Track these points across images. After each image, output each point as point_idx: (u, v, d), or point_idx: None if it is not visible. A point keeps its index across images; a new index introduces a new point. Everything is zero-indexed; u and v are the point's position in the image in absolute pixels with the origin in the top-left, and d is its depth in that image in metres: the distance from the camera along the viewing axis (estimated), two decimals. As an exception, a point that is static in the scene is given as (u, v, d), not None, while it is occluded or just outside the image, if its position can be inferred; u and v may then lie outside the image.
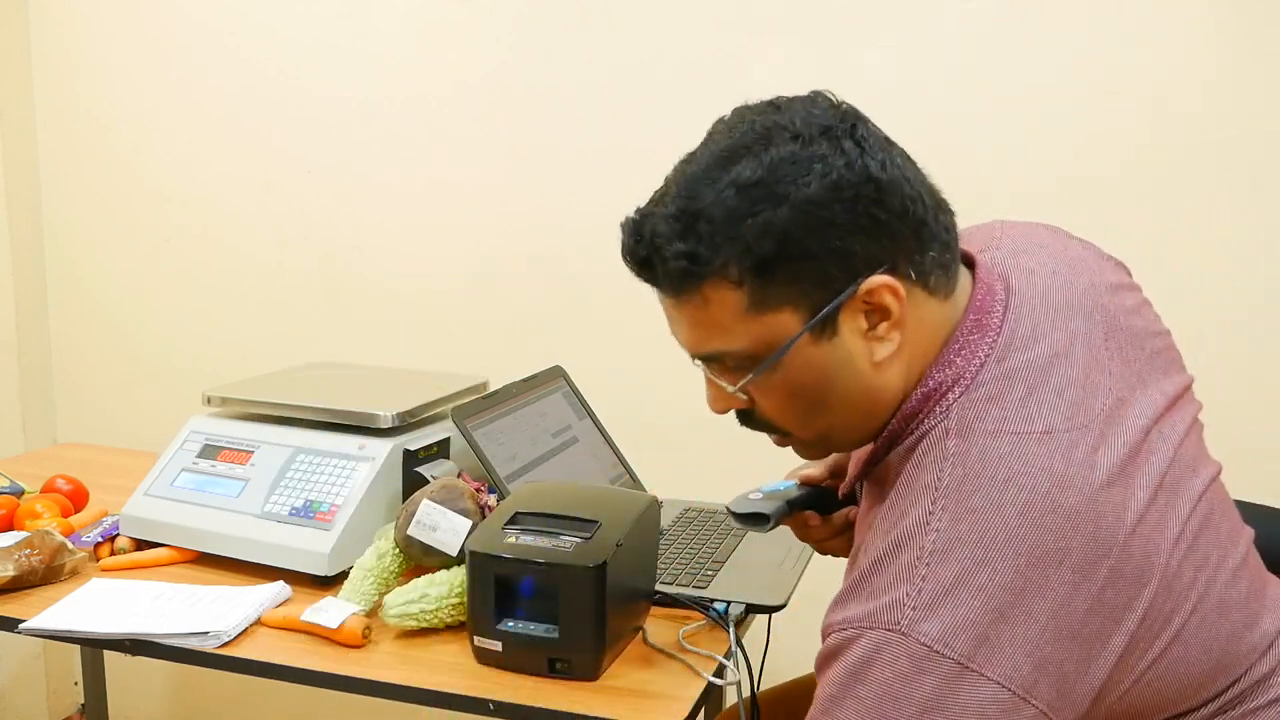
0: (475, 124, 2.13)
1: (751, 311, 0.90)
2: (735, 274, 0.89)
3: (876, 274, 0.89)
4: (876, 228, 0.88)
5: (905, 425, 0.93)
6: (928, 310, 0.92)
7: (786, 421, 0.98)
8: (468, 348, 2.17)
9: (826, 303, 0.89)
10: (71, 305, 2.47)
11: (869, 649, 0.85)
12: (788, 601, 1.41)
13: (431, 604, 1.31)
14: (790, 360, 0.92)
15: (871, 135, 0.91)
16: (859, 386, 0.93)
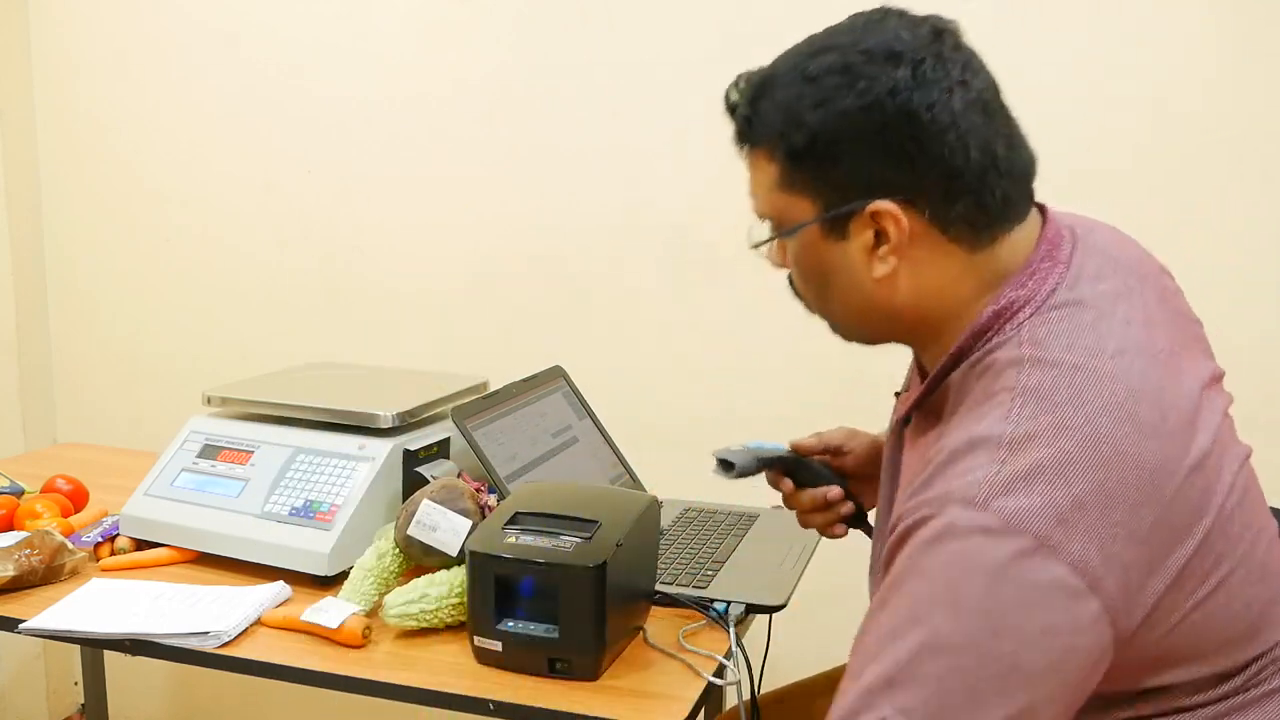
0: (475, 124, 2.13)
1: (779, 188, 0.98)
2: (771, 152, 0.97)
3: (889, 200, 0.93)
4: (901, 160, 0.92)
5: (974, 342, 0.96)
6: (942, 254, 0.96)
7: (805, 295, 1.06)
8: (468, 348, 2.17)
9: (837, 208, 0.96)
10: (71, 305, 2.47)
11: (943, 524, 0.86)
12: (788, 601, 1.41)
13: (431, 604, 1.31)
14: (800, 244, 1.00)
15: (941, 75, 0.92)
16: (858, 294, 0.99)
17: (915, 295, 0.98)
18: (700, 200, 2.02)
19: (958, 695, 0.83)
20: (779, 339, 2.00)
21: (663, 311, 2.07)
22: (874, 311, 1.00)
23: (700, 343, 2.05)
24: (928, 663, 0.84)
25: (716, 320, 2.04)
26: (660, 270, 2.06)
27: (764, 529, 1.64)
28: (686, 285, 2.05)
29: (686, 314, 2.05)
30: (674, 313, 2.06)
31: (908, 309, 0.99)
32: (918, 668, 0.84)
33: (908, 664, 0.84)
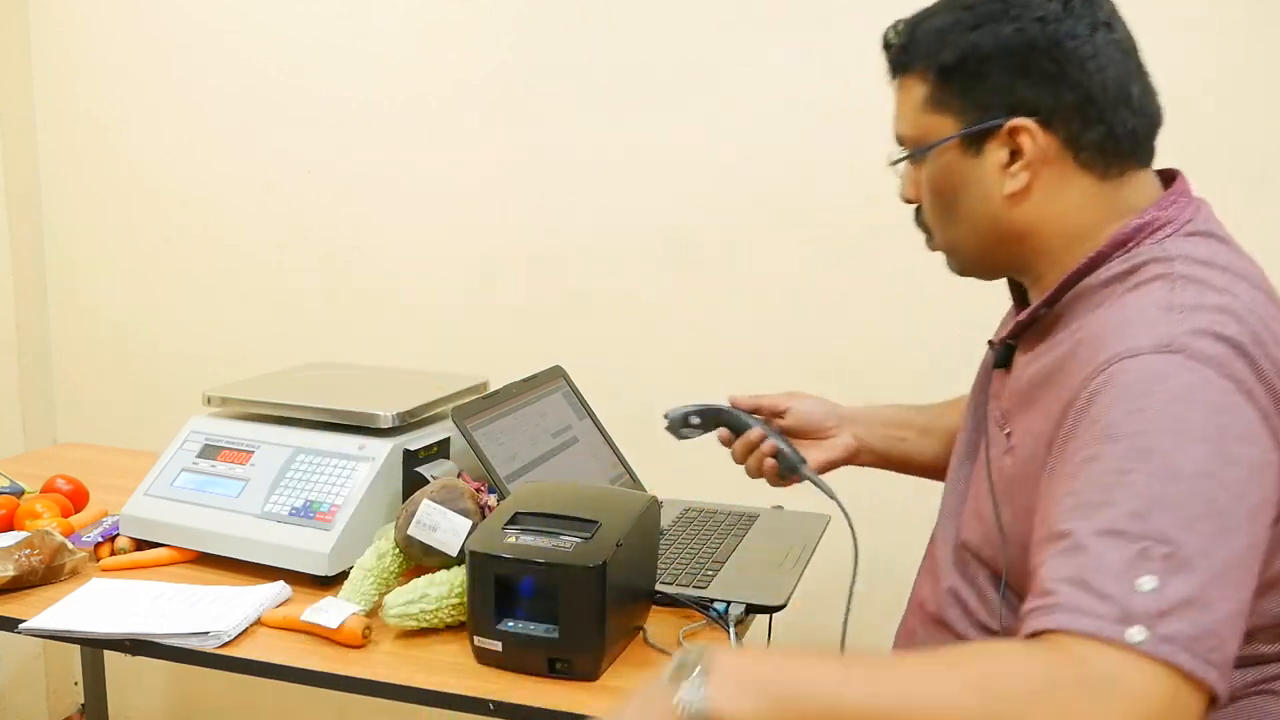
0: (475, 124, 2.13)
1: (926, 107, 1.07)
2: (926, 72, 1.06)
3: (1028, 119, 1.01)
4: (1042, 82, 1.00)
5: (1113, 251, 1.01)
6: (1072, 177, 1.03)
7: (931, 220, 1.12)
8: (468, 348, 2.17)
9: (978, 123, 1.03)
10: (71, 305, 2.47)
11: (1146, 368, 0.90)
12: (788, 601, 1.41)
13: (431, 604, 1.31)
14: (937, 160, 1.07)
15: (1087, 13, 1.01)
16: (986, 212, 1.05)
17: (1041, 216, 1.04)
18: (700, 200, 2.02)
19: (1207, 519, 0.83)
20: (779, 339, 2.00)
21: (662, 312, 2.07)
22: (998, 231, 1.06)
23: (700, 343, 2.05)
24: (1169, 489, 0.84)
25: (716, 320, 2.04)
26: (660, 270, 2.06)
27: (764, 529, 1.64)
28: (686, 285, 2.05)
29: (686, 314, 2.05)
30: (674, 313, 2.06)
31: (1032, 230, 1.04)
32: (1161, 494, 0.84)
33: (1149, 494, 0.84)
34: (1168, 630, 0.79)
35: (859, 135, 1.93)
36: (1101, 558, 0.83)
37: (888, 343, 1.94)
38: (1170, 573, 0.81)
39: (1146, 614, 0.80)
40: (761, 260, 2.00)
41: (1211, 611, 0.81)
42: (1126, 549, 0.82)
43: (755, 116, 1.97)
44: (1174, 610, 0.80)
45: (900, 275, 1.93)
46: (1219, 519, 0.84)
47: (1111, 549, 0.83)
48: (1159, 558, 0.81)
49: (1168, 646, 0.79)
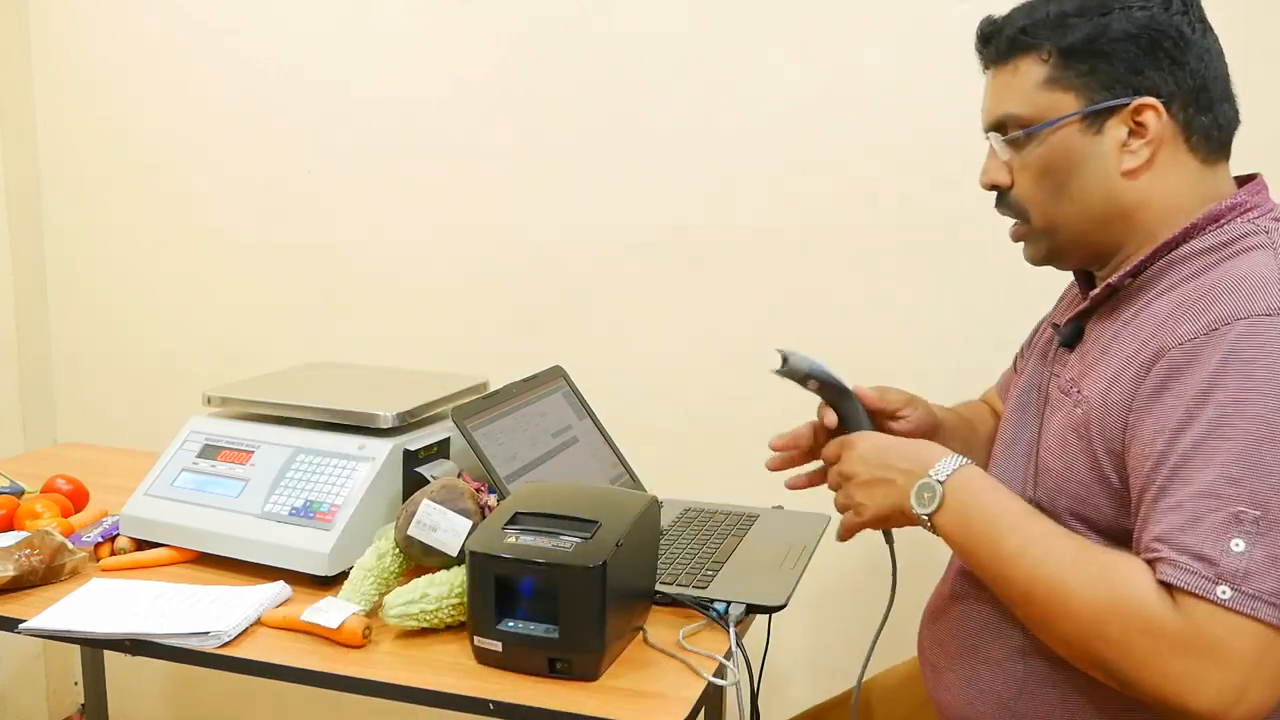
0: (476, 124, 2.13)
1: (1045, 85, 1.10)
2: (1046, 52, 1.09)
3: (1152, 97, 1.06)
4: (1167, 66, 1.06)
5: (1207, 224, 1.06)
6: (1181, 159, 1.09)
7: (1032, 200, 1.14)
8: (468, 348, 2.17)
9: (1103, 101, 1.07)
10: (71, 305, 2.47)
11: (1246, 328, 0.95)
12: (788, 601, 1.40)
13: (431, 604, 1.31)
14: (1055, 137, 1.10)
15: (1199, 15, 1.09)
16: (1100, 187, 1.09)
17: (1151, 193, 1.08)
18: (701, 200, 2.02)
19: None
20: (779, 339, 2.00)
21: (662, 312, 2.07)
22: (1109, 207, 1.09)
23: (700, 343, 2.05)
24: (1265, 453, 0.92)
25: (716, 320, 2.04)
26: (660, 271, 2.06)
27: (764, 529, 1.64)
28: (686, 285, 2.05)
29: (686, 314, 2.06)
30: (674, 313, 2.06)
31: (1140, 205, 1.08)
32: (1258, 458, 0.92)
33: (1246, 455, 0.92)
34: (1252, 588, 0.90)
35: (860, 135, 1.93)
36: (1199, 520, 0.93)
37: (888, 342, 1.94)
38: (1259, 534, 0.91)
39: (1234, 574, 0.91)
40: (762, 260, 2.00)
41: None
42: (1222, 511, 0.92)
43: (756, 116, 1.97)
44: (1260, 570, 0.90)
45: (901, 275, 1.93)
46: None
47: (1208, 511, 0.92)
48: (1249, 521, 0.91)
49: (1253, 602, 0.90)
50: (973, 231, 1.85)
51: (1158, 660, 0.93)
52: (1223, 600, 0.91)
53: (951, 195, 1.85)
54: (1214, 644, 0.91)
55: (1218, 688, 0.91)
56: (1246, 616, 0.91)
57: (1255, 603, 0.90)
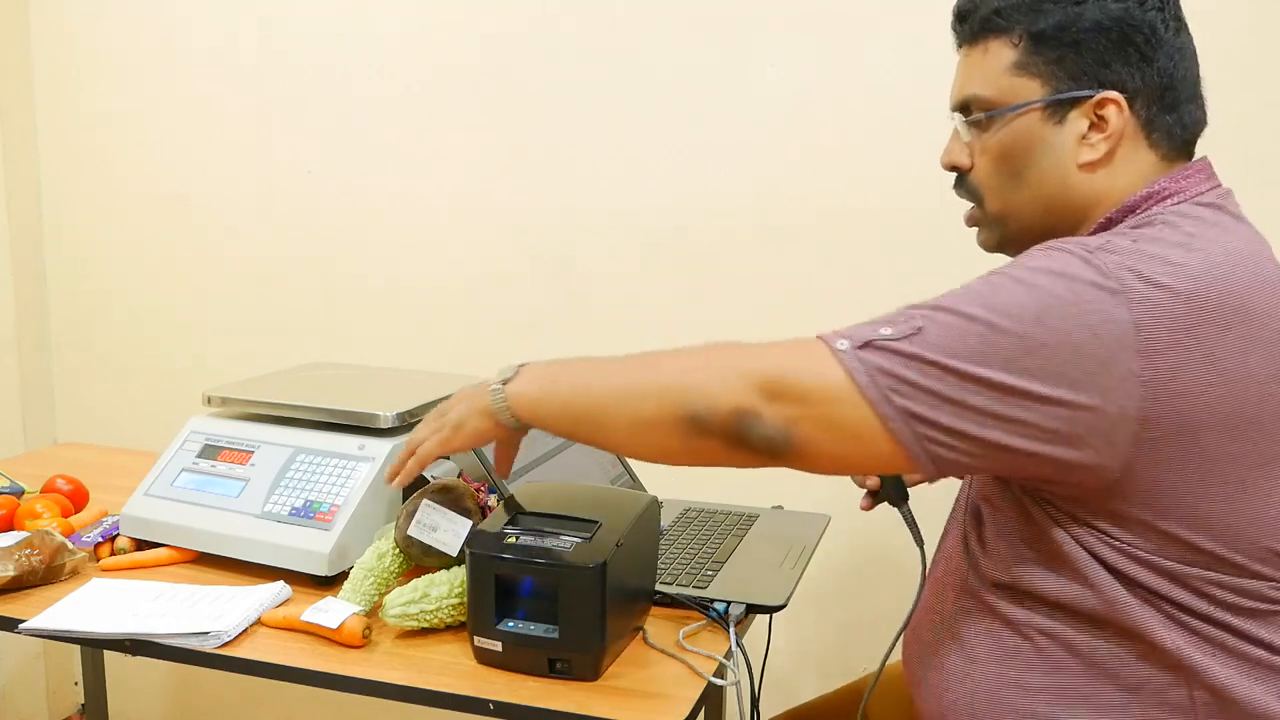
0: (476, 124, 2.13)
1: (1013, 70, 1.10)
2: (1017, 37, 1.09)
3: (1117, 93, 1.06)
4: (1136, 61, 1.06)
5: (1123, 216, 1.07)
6: (1140, 156, 1.08)
7: (988, 185, 1.14)
8: (468, 348, 2.17)
9: (1068, 91, 1.07)
10: (71, 305, 2.47)
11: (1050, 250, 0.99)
12: (788, 601, 1.41)
13: (432, 604, 1.31)
14: (1017, 122, 1.10)
15: (1175, 12, 1.08)
16: (1056, 177, 1.09)
17: (1106, 187, 1.08)
18: (701, 200, 2.02)
19: (975, 342, 0.95)
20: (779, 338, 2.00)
21: (663, 311, 2.07)
22: (1062, 198, 1.09)
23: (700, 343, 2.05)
24: (975, 310, 0.96)
25: (717, 320, 2.04)
26: (660, 270, 2.06)
27: (764, 529, 1.64)
28: (687, 285, 2.05)
29: (687, 314, 2.06)
30: (674, 313, 2.06)
31: (1094, 200, 1.08)
32: (965, 307, 0.96)
33: (961, 302, 0.97)
34: (867, 355, 0.97)
35: (862, 134, 1.93)
36: (889, 315, 1.00)
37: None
38: (909, 338, 0.96)
39: (860, 339, 0.98)
40: (762, 260, 2.00)
41: (917, 375, 0.95)
42: (907, 318, 0.98)
43: (756, 117, 1.97)
44: (883, 350, 0.97)
45: (901, 275, 1.93)
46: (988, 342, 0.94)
47: (900, 314, 1.00)
48: (913, 329, 0.97)
49: (857, 362, 0.97)
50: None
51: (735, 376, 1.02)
52: (838, 348, 0.98)
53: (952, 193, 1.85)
54: (800, 366, 0.99)
55: (787, 407, 0.99)
56: (843, 367, 0.97)
57: (858, 364, 0.96)
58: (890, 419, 0.96)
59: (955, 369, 0.95)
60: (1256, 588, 1.00)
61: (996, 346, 0.94)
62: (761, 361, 1.02)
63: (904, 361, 0.96)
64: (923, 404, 0.95)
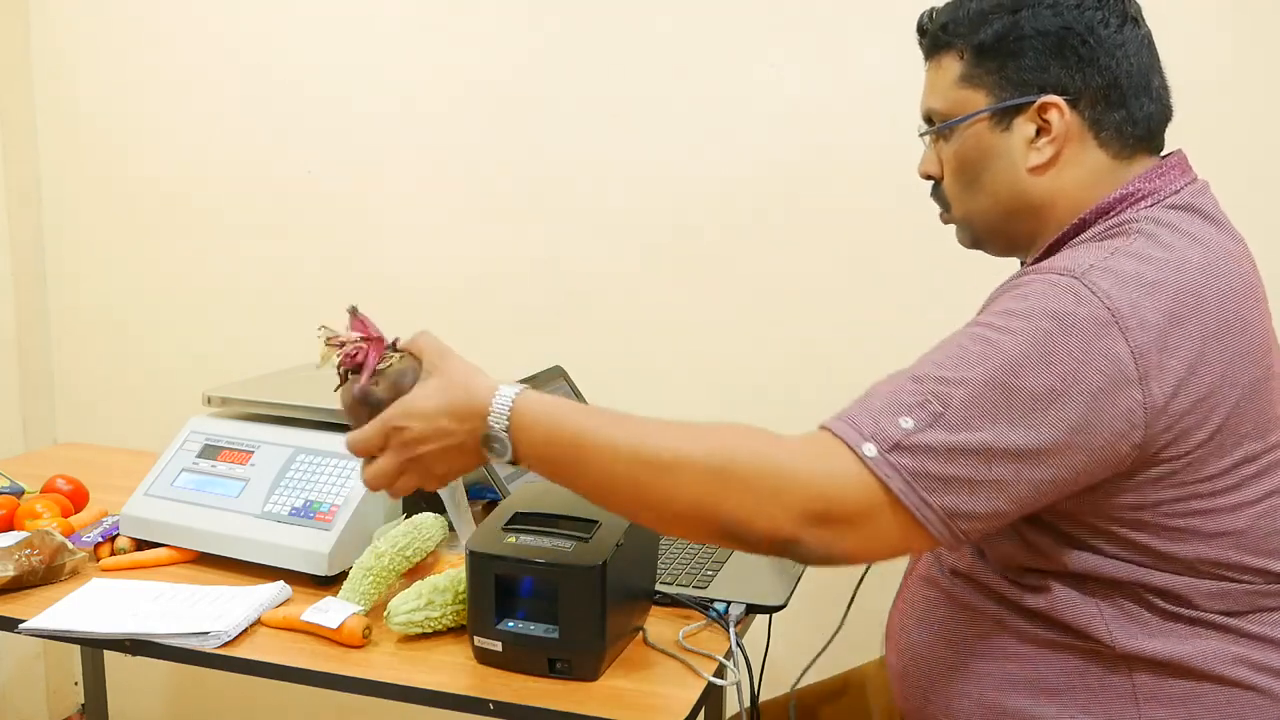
0: (476, 124, 2.13)
1: (960, 82, 1.12)
2: (961, 51, 1.12)
3: (1058, 97, 1.07)
4: (1074, 64, 1.07)
5: (1095, 218, 1.08)
6: (1090, 155, 1.09)
7: (951, 191, 1.17)
8: (468, 348, 2.16)
9: (1010, 99, 1.09)
10: (71, 305, 2.47)
11: (1037, 279, 0.99)
12: (788, 601, 1.41)
13: (437, 610, 1.31)
14: (968, 133, 1.12)
15: (1118, 7, 1.09)
16: (1008, 182, 1.11)
17: (1058, 188, 1.09)
18: (701, 200, 2.02)
19: (992, 407, 0.94)
20: (780, 339, 2.00)
21: (663, 311, 2.07)
22: (1017, 202, 1.11)
23: (701, 342, 2.05)
24: (985, 373, 0.95)
25: (717, 320, 2.04)
26: (660, 270, 2.06)
27: (764, 529, 1.64)
28: (687, 285, 2.05)
29: (687, 314, 2.06)
30: (674, 313, 2.06)
31: (1048, 201, 1.10)
32: (973, 374, 0.95)
33: (969, 369, 0.95)
34: (896, 459, 0.93)
35: (859, 136, 1.93)
36: (894, 395, 0.96)
37: (890, 343, 1.94)
38: (930, 425, 0.94)
39: (887, 440, 0.94)
40: (763, 260, 2.00)
41: (949, 468, 0.93)
42: (914, 397, 0.95)
43: (756, 118, 1.97)
44: (912, 449, 0.93)
45: (902, 275, 1.93)
46: (1005, 409, 0.93)
47: (905, 393, 0.96)
48: (930, 412, 0.94)
49: (888, 469, 0.93)
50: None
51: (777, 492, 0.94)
52: (866, 455, 0.93)
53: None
54: (836, 488, 0.94)
55: (815, 521, 0.94)
56: (876, 479, 0.93)
57: (892, 472, 0.93)
58: (929, 521, 0.94)
59: (982, 448, 0.94)
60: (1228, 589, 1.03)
61: (1015, 409, 0.94)
62: (795, 486, 0.95)
63: (933, 456, 0.94)
64: (958, 497, 0.94)
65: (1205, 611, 1.02)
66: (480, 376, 1.08)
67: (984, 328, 0.98)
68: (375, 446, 1.07)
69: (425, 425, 1.05)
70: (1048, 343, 0.94)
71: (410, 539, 1.42)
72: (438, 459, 1.05)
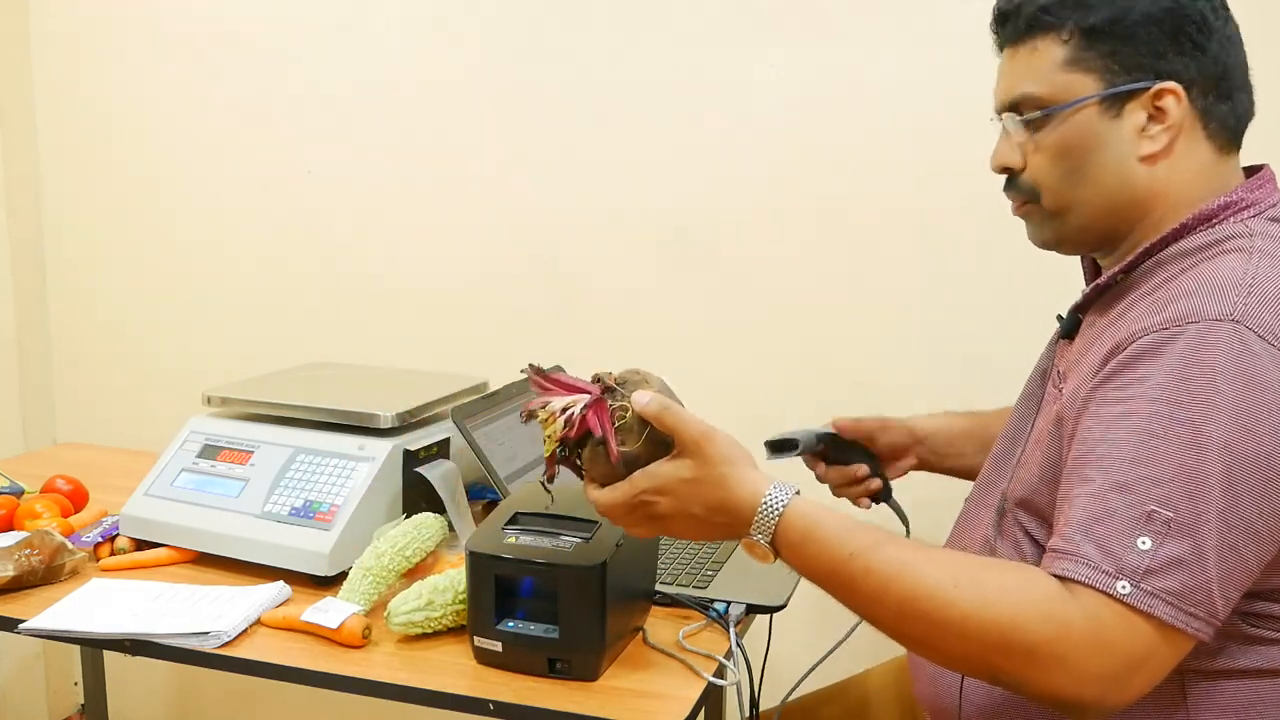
0: (476, 124, 2.13)
1: (1066, 66, 1.08)
2: (1067, 33, 1.07)
3: (1174, 83, 1.05)
4: (1189, 51, 1.05)
5: (1198, 224, 1.05)
6: (1198, 148, 1.08)
7: (1046, 183, 1.11)
8: (468, 348, 2.17)
9: (1124, 84, 1.06)
10: (71, 305, 2.47)
11: (1196, 334, 0.94)
12: (788, 602, 1.41)
13: (437, 610, 1.31)
14: (1074, 119, 1.08)
15: (1222, 4, 1.08)
16: (1116, 171, 1.08)
17: (1167, 180, 1.07)
18: (700, 200, 2.02)
19: (1215, 490, 0.91)
20: (780, 339, 2.00)
21: (663, 311, 2.07)
22: (1123, 193, 1.08)
23: (701, 342, 2.05)
24: (1188, 459, 0.91)
25: (717, 320, 2.04)
26: (661, 270, 2.06)
27: (764, 529, 1.64)
28: (687, 285, 2.05)
29: (687, 314, 2.05)
30: (674, 313, 2.06)
31: (1155, 194, 1.07)
32: (1180, 464, 0.91)
33: (1169, 462, 0.92)
34: (1151, 585, 0.90)
35: (860, 134, 1.93)
36: (1112, 515, 0.92)
37: (890, 342, 1.94)
38: (1167, 536, 0.90)
39: (1135, 570, 0.91)
40: (763, 260, 2.00)
41: (1202, 572, 0.90)
42: (1136, 509, 0.91)
43: (756, 117, 1.97)
44: (1162, 569, 0.90)
45: (904, 275, 1.93)
46: (1229, 490, 0.91)
47: (1123, 507, 0.92)
48: (1160, 521, 0.91)
49: (1150, 599, 0.90)
50: (977, 230, 1.85)
51: (1061, 664, 0.91)
52: (1121, 595, 0.90)
53: (952, 192, 1.85)
54: (1110, 640, 0.91)
55: (1106, 682, 0.91)
56: (1142, 614, 0.90)
57: (1152, 600, 0.90)
58: (1200, 631, 0.92)
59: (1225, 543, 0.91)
60: None
61: (1242, 491, 0.91)
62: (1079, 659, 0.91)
63: (1185, 569, 0.90)
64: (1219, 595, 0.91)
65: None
66: (744, 470, 1.03)
67: (1166, 406, 0.93)
68: (621, 511, 1.06)
69: (676, 507, 1.04)
70: (1245, 408, 0.92)
71: (410, 539, 1.42)
72: (685, 530, 1.06)
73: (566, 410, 1.04)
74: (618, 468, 1.04)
